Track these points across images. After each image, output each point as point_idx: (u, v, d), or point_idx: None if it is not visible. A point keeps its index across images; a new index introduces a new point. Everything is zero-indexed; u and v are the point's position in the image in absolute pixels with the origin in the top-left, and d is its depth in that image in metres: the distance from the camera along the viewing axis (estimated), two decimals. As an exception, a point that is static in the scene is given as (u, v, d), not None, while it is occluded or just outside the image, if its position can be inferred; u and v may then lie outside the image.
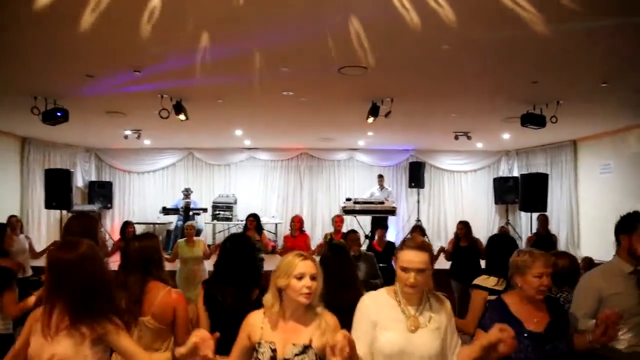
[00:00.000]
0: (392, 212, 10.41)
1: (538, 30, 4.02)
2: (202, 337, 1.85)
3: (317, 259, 2.43)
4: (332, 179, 12.66)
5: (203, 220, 11.27)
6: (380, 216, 10.12)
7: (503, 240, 3.76)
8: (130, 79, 5.69)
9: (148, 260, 2.70)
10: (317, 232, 11.81)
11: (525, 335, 2.30)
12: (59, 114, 6.72)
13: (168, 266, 3.30)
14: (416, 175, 11.77)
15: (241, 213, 10.92)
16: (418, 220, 11.38)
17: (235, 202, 11.38)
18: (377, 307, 2.13)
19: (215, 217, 11.15)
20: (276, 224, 11.57)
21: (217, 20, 3.97)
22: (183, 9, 3.74)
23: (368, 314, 2.11)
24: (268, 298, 2.11)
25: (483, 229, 11.62)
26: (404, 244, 2.16)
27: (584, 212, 10.36)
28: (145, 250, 2.73)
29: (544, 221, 7.69)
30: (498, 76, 5.68)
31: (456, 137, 9.74)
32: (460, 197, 12.75)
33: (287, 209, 12.30)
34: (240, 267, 2.85)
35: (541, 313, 2.38)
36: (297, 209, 12.16)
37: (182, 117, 6.78)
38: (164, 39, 4.33)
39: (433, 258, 2.20)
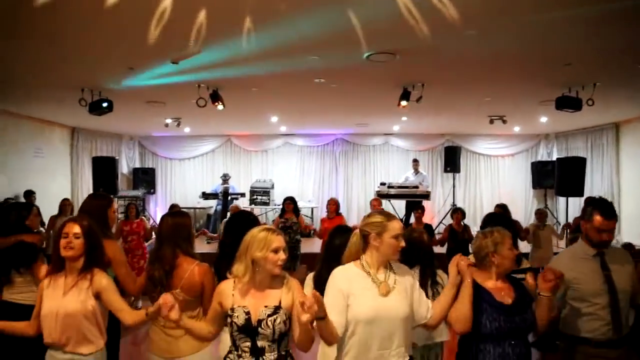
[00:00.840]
0: (427, 196, 10.46)
1: (566, 13, 4.02)
2: (164, 300, 2.24)
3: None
4: (367, 163, 12.78)
5: (241, 205, 11.61)
6: (415, 200, 10.18)
7: (498, 218, 3.77)
8: (169, 71, 5.97)
9: (178, 236, 2.93)
10: (353, 216, 11.99)
11: (497, 306, 2.43)
12: (104, 104, 7.10)
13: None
14: (452, 159, 11.73)
15: (278, 197, 11.21)
16: (453, 205, 11.36)
17: (272, 187, 11.67)
18: (348, 279, 2.32)
19: (252, 201, 11.47)
20: (312, 208, 11.81)
21: (249, 12, 4.15)
22: (220, 6, 3.95)
23: (340, 286, 2.28)
24: (240, 269, 2.29)
25: (520, 214, 11.52)
26: (389, 217, 2.38)
27: (625, 197, 10.11)
28: (177, 226, 2.97)
29: None
30: (527, 60, 5.64)
31: (491, 121, 9.66)
32: (497, 181, 12.64)
33: (322, 193, 12.53)
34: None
35: (507, 288, 2.51)
36: (332, 193, 12.37)
37: (219, 105, 7.04)
38: (199, 33, 4.55)
39: None
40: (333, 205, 7.33)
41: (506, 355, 2.36)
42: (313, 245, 8.94)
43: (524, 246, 7.27)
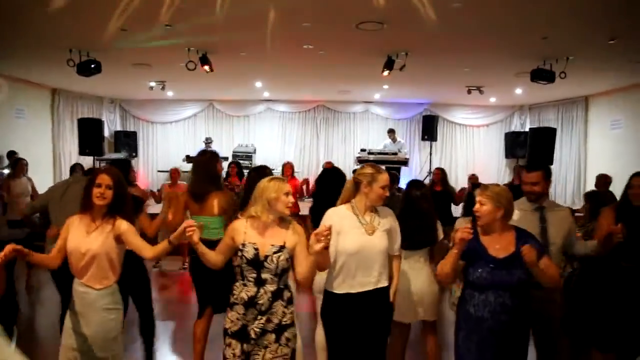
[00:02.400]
0: (405, 163, 10.86)
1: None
2: (188, 223, 2.52)
3: None
4: (347, 130, 13.06)
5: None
6: (393, 167, 10.55)
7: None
8: (161, 33, 6.07)
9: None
10: (332, 181, 12.29)
11: (485, 259, 2.62)
12: (92, 65, 7.16)
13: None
14: (429, 128, 12.06)
15: (260, 162, 11.42)
16: (429, 172, 11.78)
17: (254, 152, 11.87)
18: (339, 218, 2.78)
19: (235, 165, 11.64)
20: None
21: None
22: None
23: (332, 223, 2.59)
24: (257, 209, 2.64)
25: (493, 182, 11.99)
26: (379, 170, 2.85)
27: (592, 167, 10.67)
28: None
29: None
30: (508, 32, 5.95)
31: (469, 91, 10.01)
32: (472, 150, 13.09)
33: (303, 159, 12.81)
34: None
35: (506, 242, 2.64)
36: (313, 159, 12.70)
37: (207, 68, 7.17)
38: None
39: None
40: (289, 169, 8.01)
41: (488, 303, 2.57)
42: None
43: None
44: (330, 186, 3.65)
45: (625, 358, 3.15)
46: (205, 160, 3.90)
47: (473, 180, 8.50)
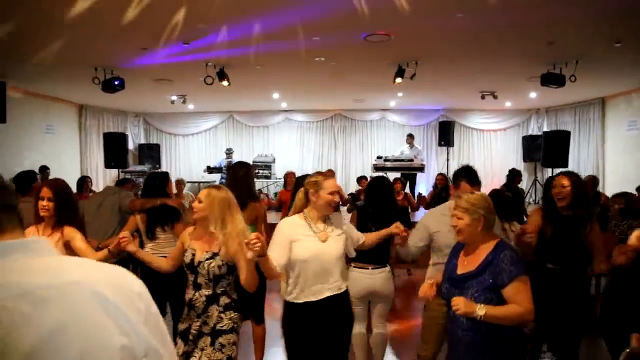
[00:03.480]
0: (421, 169, 10.99)
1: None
2: (123, 235, 2.82)
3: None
4: (364, 138, 13.26)
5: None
6: (410, 173, 10.69)
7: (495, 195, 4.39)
8: (180, 50, 6.40)
9: None
10: (351, 189, 12.50)
11: (448, 275, 2.51)
12: (116, 82, 7.54)
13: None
14: (446, 134, 12.19)
15: (279, 171, 11.71)
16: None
17: (274, 161, 12.16)
18: (292, 228, 2.77)
19: (255, 175, 11.94)
20: (312, 182, 12.30)
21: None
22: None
23: (285, 233, 2.74)
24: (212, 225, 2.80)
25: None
26: (325, 177, 2.82)
27: (610, 168, 10.64)
28: None
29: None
30: (514, 39, 6.09)
31: (482, 97, 10.12)
32: (489, 154, 13.13)
33: (322, 167, 13.00)
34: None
35: (477, 258, 2.42)
36: (331, 167, 12.87)
37: (225, 83, 7.48)
38: (210, 16, 4.98)
39: None
40: (292, 179, 7.96)
41: (452, 318, 2.44)
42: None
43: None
44: (381, 193, 3.90)
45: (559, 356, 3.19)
46: (242, 171, 4.05)
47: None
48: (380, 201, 3.87)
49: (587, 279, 3.29)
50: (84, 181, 7.14)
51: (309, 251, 2.70)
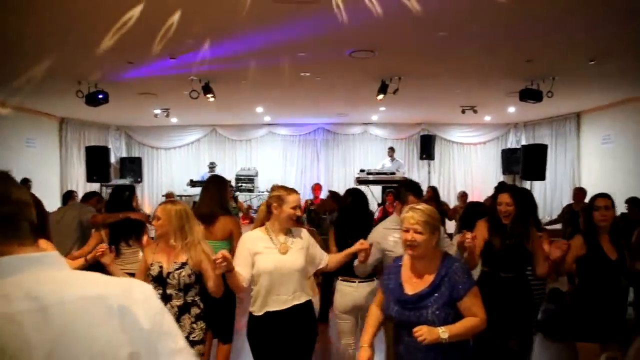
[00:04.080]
0: (403, 182, 11.10)
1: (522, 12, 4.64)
2: (100, 247, 2.95)
3: None
4: (347, 151, 13.38)
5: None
6: (392, 186, 10.80)
7: (478, 206, 4.63)
8: (166, 65, 6.44)
9: None
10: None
11: (395, 295, 2.39)
12: (100, 96, 7.52)
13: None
14: (427, 147, 12.36)
15: (262, 185, 11.74)
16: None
17: (257, 175, 12.16)
18: (253, 241, 2.90)
19: (238, 189, 11.93)
20: (295, 195, 12.35)
21: (241, 17, 4.66)
22: (214, 9, 4.45)
23: (247, 246, 2.87)
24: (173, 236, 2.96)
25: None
26: (288, 191, 2.94)
27: (586, 180, 10.91)
28: None
29: None
30: (494, 57, 6.29)
31: (463, 111, 10.32)
32: (469, 168, 13.36)
33: (305, 180, 13.10)
34: None
35: (428, 274, 2.35)
36: (314, 180, 12.91)
37: (210, 97, 7.52)
38: (196, 31, 5.05)
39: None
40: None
41: (407, 344, 2.33)
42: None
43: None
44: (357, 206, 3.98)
45: None
46: (214, 184, 4.13)
47: (464, 199, 8.82)
48: (357, 215, 3.90)
49: (530, 284, 3.50)
50: (70, 195, 7.04)
51: (270, 263, 2.82)
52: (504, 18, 4.81)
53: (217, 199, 3.97)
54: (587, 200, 4.60)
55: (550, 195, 11.84)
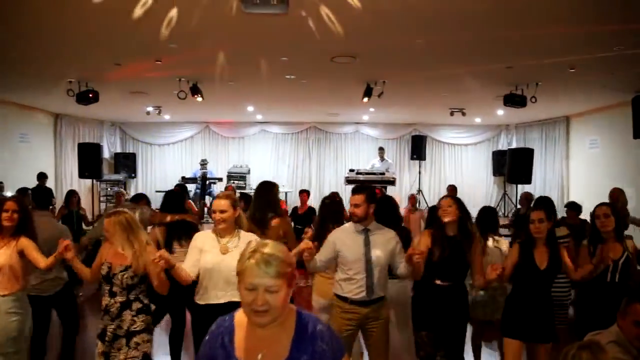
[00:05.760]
0: (392, 182, 11.23)
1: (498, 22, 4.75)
2: (65, 243, 3.16)
3: None
4: (339, 150, 13.50)
5: (219, 189, 12.21)
6: (381, 186, 10.92)
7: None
8: (153, 67, 6.55)
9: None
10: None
11: None
12: (91, 95, 7.63)
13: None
14: (418, 147, 12.48)
15: (254, 182, 11.80)
16: (419, 191, 12.18)
17: (249, 172, 12.31)
18: (203, 239, 3.23)
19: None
20: (286, 193, 12.47)
21: (220, 24, 4.78)
22: (199, 19, 4.56)
23: (196, 244, 3.21)
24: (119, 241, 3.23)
25: (482, 199, 12.39)
26: (218, 196, 3.31)
27: (574, 184, 11.03)
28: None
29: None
30: (474, 63, 6.38)
31: (451, 113, 10.43)
32: (460, 168, 13.48)
33: (296, 178, 13.24)
34: None
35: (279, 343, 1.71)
36: (306, 178, 13.10)
37: (198, 98, 7.63)
38: (181, 37, 5.16)
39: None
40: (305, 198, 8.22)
41: None
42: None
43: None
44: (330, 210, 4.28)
45: None
46: (265, 189, 4.28)
47: (453, 193, 8.90)
48: (337, 219, 4.10)
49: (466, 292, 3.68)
50: (71, 195, 7.10)
51: (211, 260, 3.15)
52: (481, 26, 4.91)
53: (268, 203, 4.16)
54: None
55: (538, 198, 11.90)
